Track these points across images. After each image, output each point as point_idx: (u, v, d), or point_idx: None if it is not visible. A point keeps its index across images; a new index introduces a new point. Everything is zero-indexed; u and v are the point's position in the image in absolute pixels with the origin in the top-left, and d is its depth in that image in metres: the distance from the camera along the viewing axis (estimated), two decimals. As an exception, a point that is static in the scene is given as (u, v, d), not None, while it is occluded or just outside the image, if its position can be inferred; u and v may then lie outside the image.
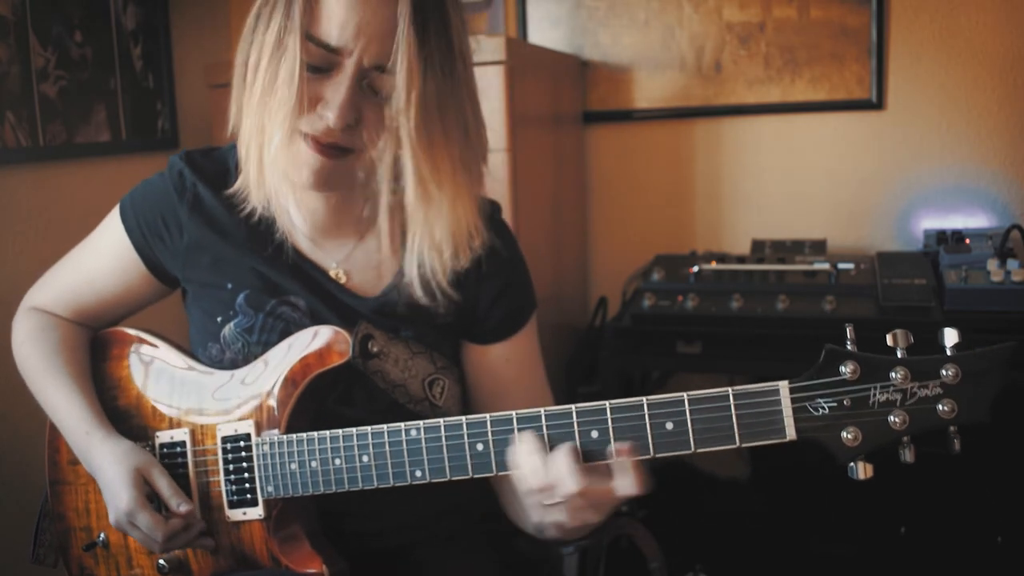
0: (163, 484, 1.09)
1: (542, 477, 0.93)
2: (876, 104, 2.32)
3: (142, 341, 1.21)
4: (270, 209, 1.12)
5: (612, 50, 2.51)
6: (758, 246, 2.31)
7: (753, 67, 2.41)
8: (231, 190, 1.13)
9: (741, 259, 2.15)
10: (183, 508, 1.08)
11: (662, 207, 2.54)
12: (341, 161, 1.04)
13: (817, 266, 2.05)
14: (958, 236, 2.15)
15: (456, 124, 1.05)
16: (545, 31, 2.55)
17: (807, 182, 2.42)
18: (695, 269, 2.08)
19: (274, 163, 1.04)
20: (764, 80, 2.40)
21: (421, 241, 1.08)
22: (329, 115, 1.00)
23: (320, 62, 1.00)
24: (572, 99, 2.46)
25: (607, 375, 2.05)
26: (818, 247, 2.26)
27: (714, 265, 2.11)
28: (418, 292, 1.11)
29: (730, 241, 2.49)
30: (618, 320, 2.15)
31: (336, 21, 0.98)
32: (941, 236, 2.18)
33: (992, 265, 1.89)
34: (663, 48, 2.46)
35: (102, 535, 1.17)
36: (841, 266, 2.06)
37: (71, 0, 1.98)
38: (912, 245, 2.33)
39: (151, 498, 1.09)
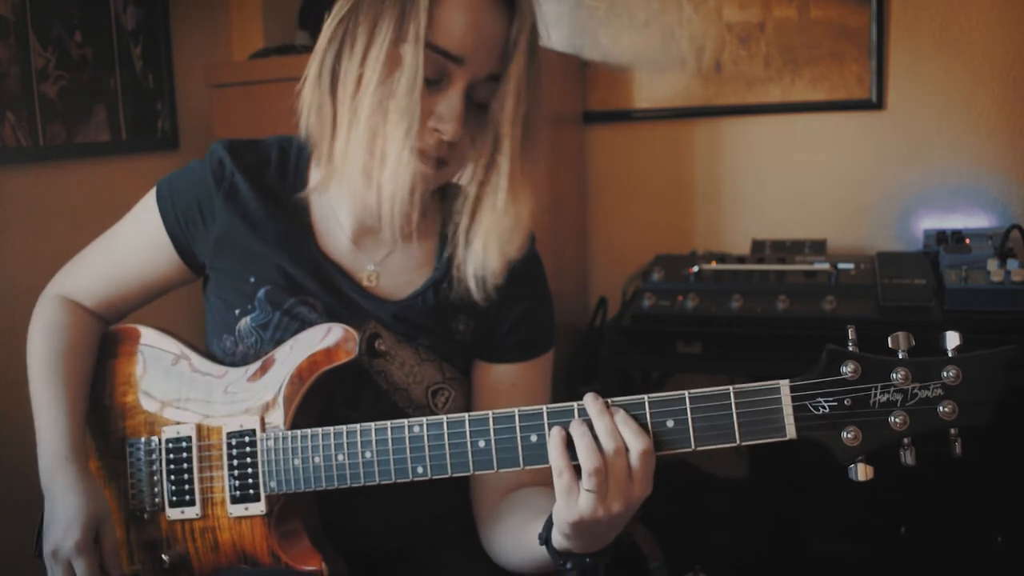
0: (110, 542, 1.09)
1: (596, 457, 0.91)
2: (876, 104, 2.32)
3: (151, 338, 1.21)
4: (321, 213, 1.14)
5: (612, 50, 2.51)
6: (758, 246, 2.31)
7: (753, 67, 2.41)
8: (300, 195, 1.14)
9: (741, 259, 2.15)
10: (115, 574, 1.08)
11: (662, 207, 2.54)
12: (444, 171, 1.06)
13: (817, 266, 2.05)
14: (958, 236, 2.15)
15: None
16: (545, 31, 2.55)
17: (807, 182, 2.42)
18: (695, 269, 2.09)
19: (394, 179, 1.02)
20: (764, 80, 2.40)
21: (488, 239, 1.09)
22: (446, 128, 1.01)
23: (434, 74, 1.00)
24: (572, 99, 2.46)
25: (607, 375, 2.05)
26: (818, 247, 2.26)
27: (714, 265, 2.11)
28: (472, 287, 1.11)
29: (730, 241, 2.49)
30: (618, 320, 2.15)
31: (458, 30, 0.98)
32: (941, 236, 2.18)
33: (992, 265, 1.89)
34: (663, 48, 2.46)
35: None
36: (841, 266, 2.06)
37: (71, 0, 1.98)
38: (912, 245, 2.33)
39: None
